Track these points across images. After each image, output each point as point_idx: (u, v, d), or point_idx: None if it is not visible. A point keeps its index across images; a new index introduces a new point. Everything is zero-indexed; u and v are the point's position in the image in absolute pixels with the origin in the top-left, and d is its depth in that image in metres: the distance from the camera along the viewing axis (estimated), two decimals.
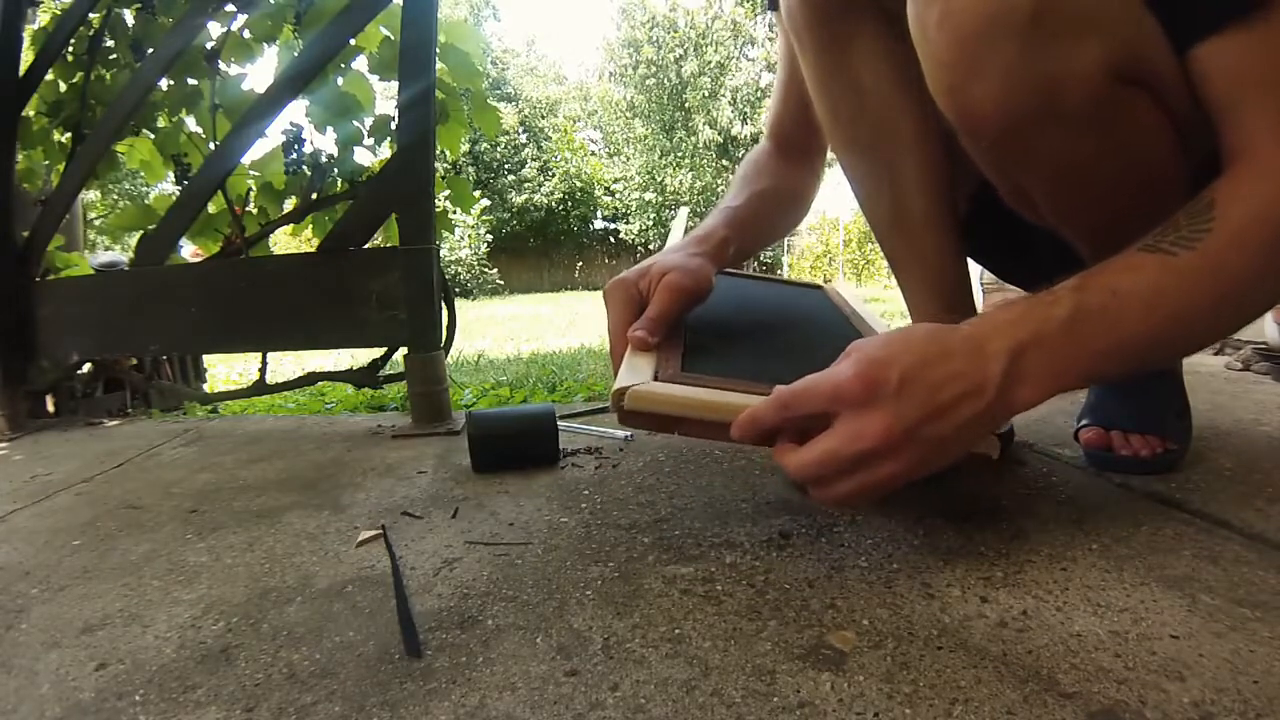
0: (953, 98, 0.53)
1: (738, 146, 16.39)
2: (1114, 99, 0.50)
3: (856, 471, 0.48)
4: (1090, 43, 0.48)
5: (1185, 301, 0.49)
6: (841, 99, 0.75)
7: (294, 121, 1.38)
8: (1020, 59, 0.48)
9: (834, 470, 0.48)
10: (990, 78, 0.49)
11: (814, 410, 0.48)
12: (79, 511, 0.84)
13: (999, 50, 0.48)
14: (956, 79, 0.52)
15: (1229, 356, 1.44)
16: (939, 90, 0.54)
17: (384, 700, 0.43)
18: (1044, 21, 0.47)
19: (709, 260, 0.70)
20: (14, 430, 1.42)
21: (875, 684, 0.42)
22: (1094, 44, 0.48)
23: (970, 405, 0.47)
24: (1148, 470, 0.74)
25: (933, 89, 0.55)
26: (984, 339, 0.48)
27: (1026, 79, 0.49)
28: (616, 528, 0.68)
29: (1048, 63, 0.48)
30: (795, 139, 0.88)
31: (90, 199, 6.13)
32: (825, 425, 0.48)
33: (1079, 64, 0.48)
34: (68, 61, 1.56)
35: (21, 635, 0.54)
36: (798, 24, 0.75)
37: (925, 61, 0.54)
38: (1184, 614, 0.48)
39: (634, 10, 17.24)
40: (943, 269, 0.78)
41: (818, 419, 0.48)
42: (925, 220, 0.76)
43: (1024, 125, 0.51)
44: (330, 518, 0.75)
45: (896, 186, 0.76)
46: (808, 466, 0.48)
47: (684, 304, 0.66)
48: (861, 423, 0.46)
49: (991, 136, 0.53)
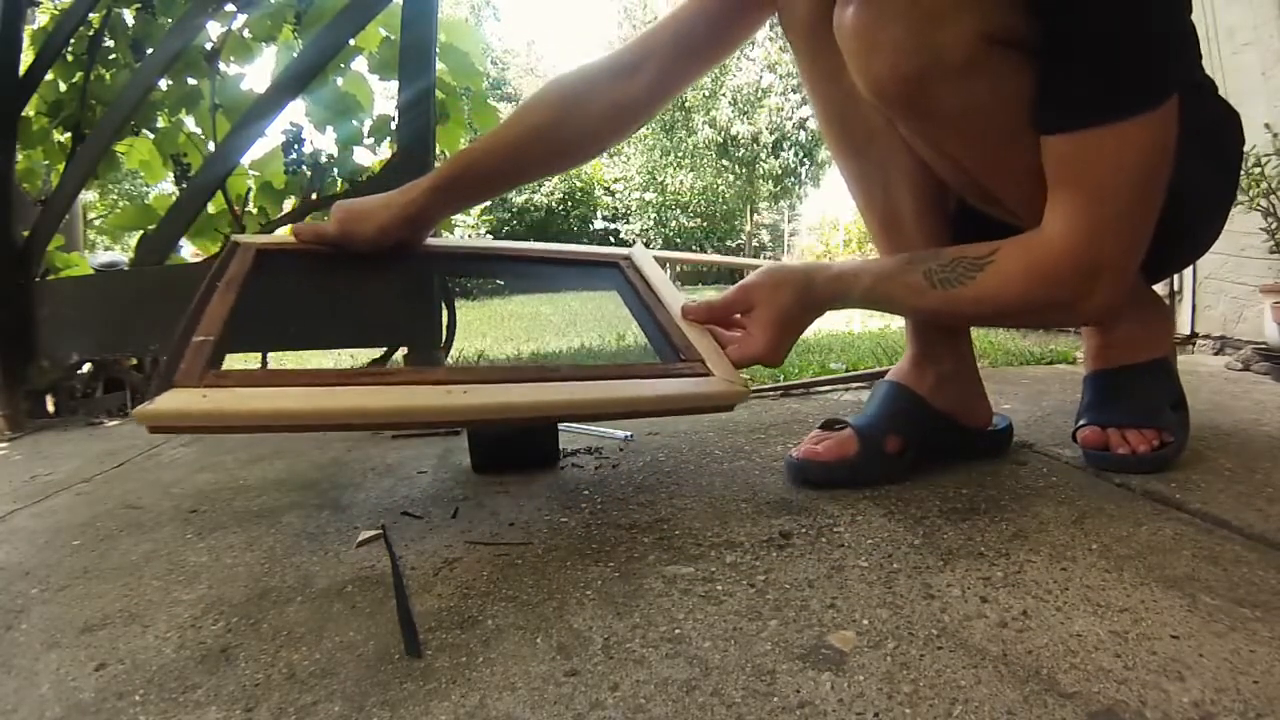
0: (863, 75, 0.64)
1: (738, 146, 16.41)
2: (990, 54, 0.60)
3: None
4: (962, 15, 0.58)
5: (927, 313, 0.74)
6: (834, 101, 0.77)
7: (294, 121, 1.38)
8: (904, 34, 0.59)
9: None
10: (884, 51, 0.61)
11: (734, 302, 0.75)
12: (79, 511, 0.84)
13: (888, 30, 0.60)
14: (862, 60, 0.63)
15: (1229, 356, 1.44)
16: (854, 73, 0.65)
17: (384, 700, 0.43)
18: (919, 3, 0.59)
19: (396, 212, 0.79)
20: (14, 430, 1.42)
21: (875, 684, 0.42)
22: (965, 16, 0.58)
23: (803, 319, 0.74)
24: (1146, 467, 0.74)
25: (852, 74, 0.65)
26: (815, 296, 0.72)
27: (911, 49, 0.60)
28: (616, 528, 0.68)
29: (927, 35, 0.59)
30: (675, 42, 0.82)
31: (90, 199, 6.13)
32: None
33: (954, 31, 0.58)
34: (68, 61, 1.56)
35: (21, 635, 0.54)
36: (794, 27, 0.77)
37: (845, 55, 0.65)
38: (1184, 614, 0.48)
39: (635, 10, 17.24)
40: None
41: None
42: (916, 220, 0.78)
43: (917, 85, 0.61)
44: (330, 518, 0.75)
45: (888, 187, 0.78)
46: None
47: (322, 240, 0.80)
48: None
49: (898, 99, 0.63)
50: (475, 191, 0.85)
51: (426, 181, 0.80)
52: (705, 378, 0.71)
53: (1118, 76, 0.58)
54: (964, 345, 0.84)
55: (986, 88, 0.62)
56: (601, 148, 0.87)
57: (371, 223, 0.79)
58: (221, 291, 0.69)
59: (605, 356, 2.63)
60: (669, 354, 0.77)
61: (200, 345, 0.62)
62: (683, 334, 0.78)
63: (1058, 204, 0.63)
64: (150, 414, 0.55)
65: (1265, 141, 1.52)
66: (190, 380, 0.58)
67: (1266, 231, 1.53)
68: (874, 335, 2.53)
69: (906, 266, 0.69)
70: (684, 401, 0.70)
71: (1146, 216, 0.63)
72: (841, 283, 0.72)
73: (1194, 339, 1.84)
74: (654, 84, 0.81)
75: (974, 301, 0.67)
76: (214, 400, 0.56)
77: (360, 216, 0.80)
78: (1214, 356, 1.61)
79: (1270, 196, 1.50)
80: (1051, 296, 0.65)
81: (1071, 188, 0.62)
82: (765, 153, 16.46)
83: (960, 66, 0.59)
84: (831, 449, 0.76)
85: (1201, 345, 1.82)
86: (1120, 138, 0.59)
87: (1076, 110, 0.59)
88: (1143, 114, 0.58)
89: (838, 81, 0.74)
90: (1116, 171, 0.60)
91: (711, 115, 16.51)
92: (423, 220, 0.82)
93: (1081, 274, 0.63)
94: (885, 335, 2.49)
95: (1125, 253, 0.64)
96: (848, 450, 0.76)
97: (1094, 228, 0.62)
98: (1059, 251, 0.63)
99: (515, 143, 0.81)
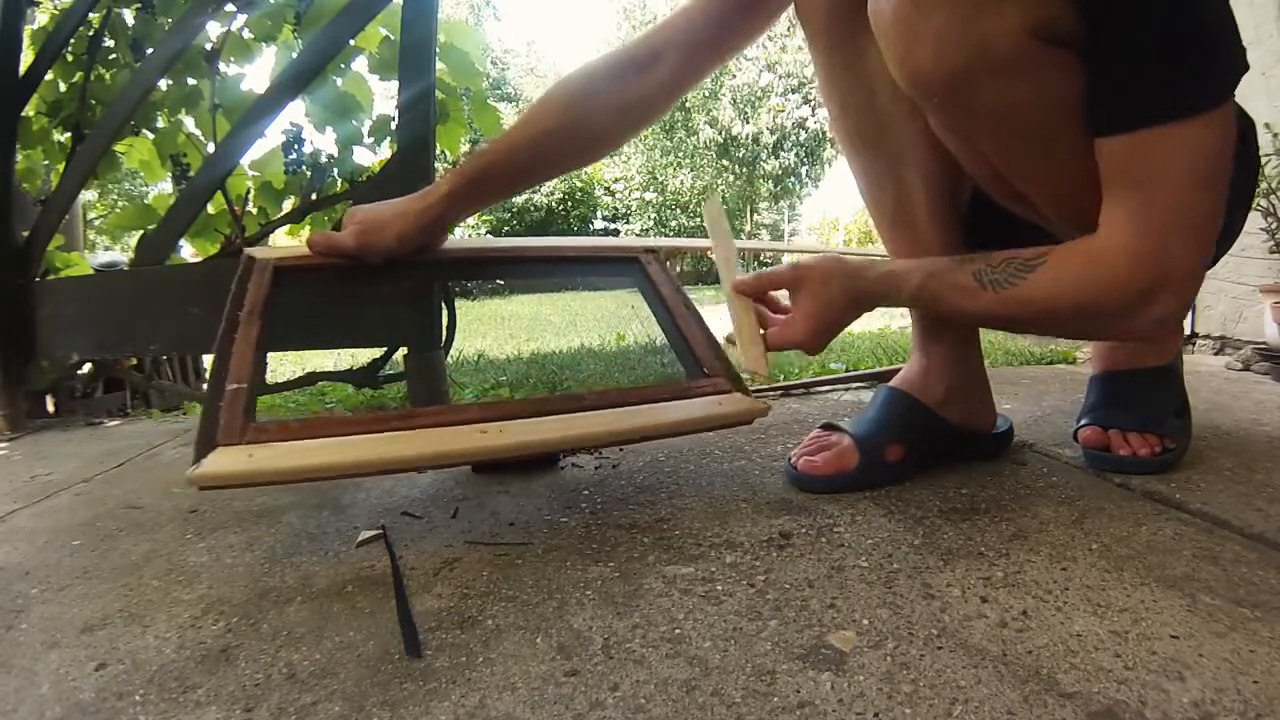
0: (901, 65, 0.61)
1: (738, 146, 16.40)
2: (1037, 51, 0.57)
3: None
4: (1010, 7, 0.56)
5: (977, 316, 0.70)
6: (850, 94, 0.76)
7: (294, 121, 1.37)
8: (949, 23, 0.57)
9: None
10: (927, 41, 0.58)
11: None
12: (79, 511, 0.84)
13: (931, 18, 0.57)
14: (902, 49, 0.60)
15: (1229, 356, 1.44)
16: (892, 62, 0.62)
17: (384, 700, 0.43)
18: None
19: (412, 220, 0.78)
20: (14, 430, 1.42)
21: (875, 684, 0.42)
22: (1013, 8, 0.56)
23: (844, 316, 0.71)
24: (1146, 470, 0.74)
25: (889, 64, 0.63)
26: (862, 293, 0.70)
27: (957, 39, 0.57)
28: (616, 528, 0.68)
29: (973, 24, 0.56)
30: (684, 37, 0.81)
31: (90, 199, 6.13)
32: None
33: (1001, 24, 0.56)
34: (68, 61, 1.56)
35: (21, 635, 0.54)
36: (812, 18, 0.76)
37: (881, 43, 0.62)
38: (1184, 614, 0.48)
39: (635, 10, 17.24)
40: None
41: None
42: (929, 217, 0.77)
43: (962, 79, 0.59)
44: (330, 518, 0.75)
45: (901, 182, 0.76)
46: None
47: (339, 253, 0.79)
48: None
49: (938, 92, 0.61)
50: (493, 194, 0.84)
51: (444, 187, 0.78)
52: (727, 395, 0.74)
53: (1180, 73, 0.55)
54: (975, 354, 0.83)
55: (1030, 85, 0.59)
56: (615, 145, 0.86)
57: (390, 232, 0.78)
58: (244, 325, 0.70)
59: (605, 359, 2.63)
60: (691, 365, 0.79)
61: (235, 394, 0.64)
62: (704, 343, 0.80)
63: (1117, 207, 0.60)
64: (200, 476, 0.57)
65: (1265, 141, 1.52)
66: (232, 437, 0.60)
67: (1266, 231, 1.53)
68: (874, 336, 2.53)
69: (956, 266, 0.66)
70: (708, 422, 0.74)
71: (1213, 221, 0.60)
72: (891, 280, 0.69)
73: (1194, 339, 1.84)
74: (668, 80, 0.80)
75: (1024, 304, 0.63)
76: (259, 460, 0.59)
77: (377, 226, 0.78)
78: (1214, 356, 1.61)
79: (1270, 196, 1.50)
80: (1109, 304, 0.61)
81: (1132, 190, 0.58)
82: (766, 153, 16.45)
83: (1005, 61, 0.57)
84: (830, 462, 0.75)
85: (1201, 345, 1.82)
86: (1184, 136, 0.56)
87: (1138, 108, 0.56)
88: (1206, 112, 0.56)
89: (854, 73, 0.73)
90: (1181, 173, 0.57)
91: (712, 115, 16.50)
92: (440, 225, 0.81)
93: (1145, 282, 0.59)
94: (885, 335, 2.49)
95: (1192, 261, 0.60)
96: (847, 464, 0.75)
97: (1159, 232, 0.58)
98: (1120, 258, 0.59)
99: (529, 145, 0.80)
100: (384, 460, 0.61)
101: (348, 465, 0.61)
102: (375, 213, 0.80)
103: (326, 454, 0.61)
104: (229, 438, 0.60)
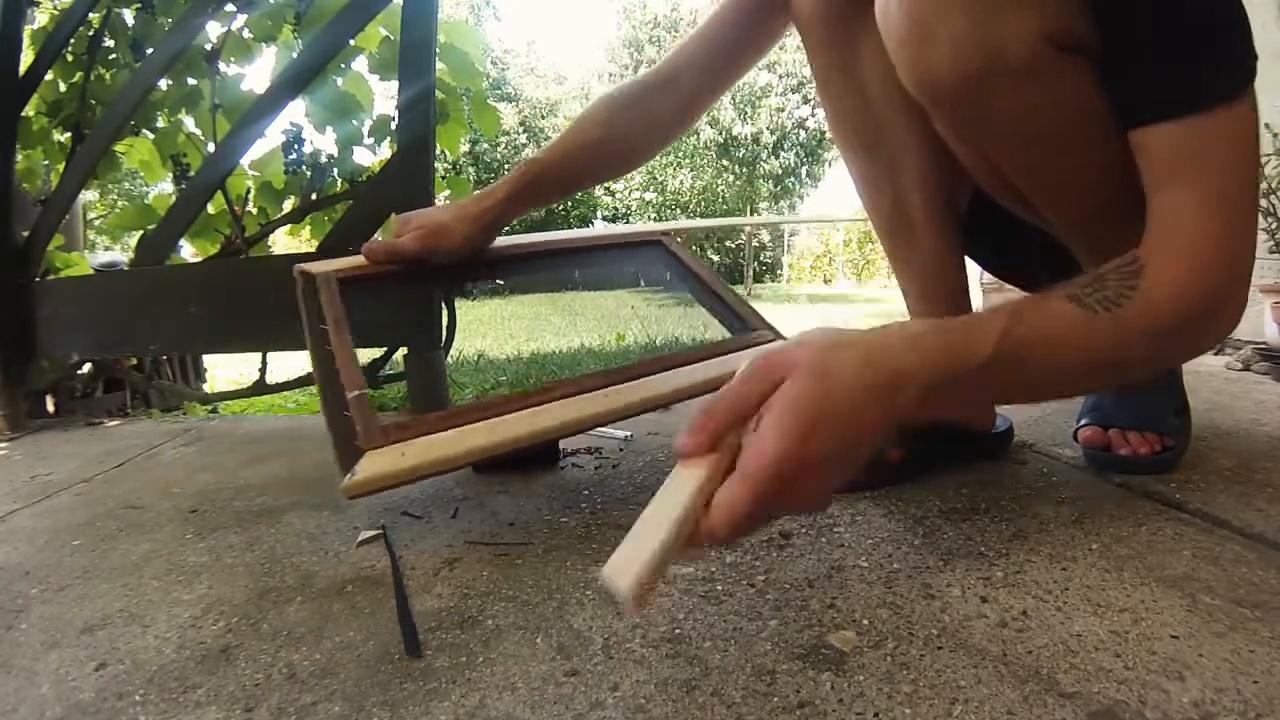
0: (913, 69, 0.59)
1: (738, 146, 16.40)
2: (1052, 57, 0.56)
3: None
4: (1026, 12, 0.54)
5: (1085, 359, 0.51)
6: (846, 96, 0.76)
7: (294, 121, 1.38)
8: (965, 28, 0.55)
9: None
10: (942, 45, 0.56)
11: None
12: (79, 511, 0.84)
13: (947, 22, 0.55)
14: (914, 52, 0.58)
15: (1229, 356, 1.44)
16: (902, 66, 0.60)
17: (384, 700, 0.43)
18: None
19: (472, 222, 0.81)
20: (14, 430, 1.42)
21: (875, 684, 0.42)
22: (1029, 13, 0.54)
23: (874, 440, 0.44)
24: (1147, 469, 0.74)
25: (897, 66, 0.61)
26: (901, 379, 0.44)
27: (973, 44, 0.55)
28: (616, 528, 0.68)
29: (990, 29, 0.55)
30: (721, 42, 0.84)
31: (90, 199, 6.13)
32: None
33: (1017, 29, 0.54)
34: (68, 61, 1.56)
35: (21, 635, 0.54)
36: (806, 20, 0.76)
37: (889, 44, 0.60)
38: (1184, 614, 0.48)
39: (635, 10, 17.24)
40: (941, 268, 0.78)
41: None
42: (926, 219, 0.77)
43: (976, 85, 0.57)
44: (330, 518, 0.75)
45: (898, 185, 0.76)
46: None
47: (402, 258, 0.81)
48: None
49: (950, 98, 0.59)
50: (544, 197, 0.88)
51: (502, 191, 0.82)
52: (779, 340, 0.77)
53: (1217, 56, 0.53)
54: None
55: (1043, 91, 0.58)
56: (649, 156, 0.93)
57: (455, 234, 0.81)
58: (336, 334, 0.71)
59: (605, 359, 2.63)
60: (734, 322, 0.86)
61: (359, 400, 0.64)
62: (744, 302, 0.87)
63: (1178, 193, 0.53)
64: (358, 484, 0.58)
65: (1265, 141, 1.52)
66: (375, 440, 0.61)
67: (1266, 232, 1.53)
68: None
69: (1039, 300, 0.51)
70: None
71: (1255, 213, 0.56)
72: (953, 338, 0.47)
73: None
74: (689, 96, 0.86)
75: (1148, 320, 0.51)
76: (413, 456, 0.60)
77: (440, 230, 0.81)
78: (1214, 356, 1.61)
79: (1270, 196, 1.50)
80: (1204, 311, 0.53)
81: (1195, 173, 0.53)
82: (766, 153, 16.46)
83: (1020, 67, 0.55)
84: None
85: None
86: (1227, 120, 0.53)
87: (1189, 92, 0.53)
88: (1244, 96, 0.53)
89: (848, 75, 0.73)
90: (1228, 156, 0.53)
91: (712, 115, 16.50)
92: (498, 226, 0.85)
93: (1230, 280, 0.53)
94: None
95: (1252, 255, 0.55)
96: None
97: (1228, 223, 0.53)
98: (1204, 240, 0.52)
99: (578, 153, 0.85)
100: (532, 434, 0.65)
101: (498, 444, 0.64)
102: (431, 217, 0.83)
103: (478, 437, 0.63)
104: (372, 441, 0.61)
